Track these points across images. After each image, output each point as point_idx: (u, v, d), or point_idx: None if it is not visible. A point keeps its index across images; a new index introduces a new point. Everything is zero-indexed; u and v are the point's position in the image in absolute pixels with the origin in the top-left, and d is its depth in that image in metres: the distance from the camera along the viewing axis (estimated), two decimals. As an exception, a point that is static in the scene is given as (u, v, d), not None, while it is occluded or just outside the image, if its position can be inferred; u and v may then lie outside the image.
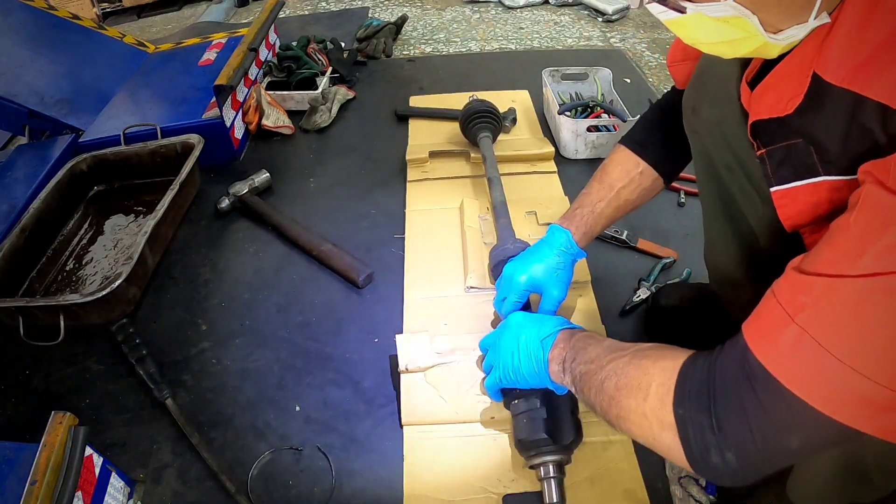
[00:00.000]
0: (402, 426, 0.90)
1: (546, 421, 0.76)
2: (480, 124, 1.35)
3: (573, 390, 0.68)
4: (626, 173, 0.88)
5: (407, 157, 1.42)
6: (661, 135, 0.88)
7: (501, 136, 1.48)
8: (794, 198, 0.56)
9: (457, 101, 1.48)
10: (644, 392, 0.53)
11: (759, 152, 0.60)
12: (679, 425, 0.49)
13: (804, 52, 0.51)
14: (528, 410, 0.78)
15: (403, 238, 1.23)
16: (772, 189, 0.59)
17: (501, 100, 1.58)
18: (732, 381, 0.46)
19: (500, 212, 1.13)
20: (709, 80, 0.75)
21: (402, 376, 0.94)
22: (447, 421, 0.90)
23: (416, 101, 1.70)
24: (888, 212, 0.38)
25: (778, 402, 0.43)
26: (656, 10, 0.52)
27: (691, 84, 0.80)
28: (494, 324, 1.00)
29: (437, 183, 1.37)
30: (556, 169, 1.39)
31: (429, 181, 1.38)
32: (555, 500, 0.75)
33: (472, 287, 1.09)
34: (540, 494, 0.77)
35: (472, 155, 1.41)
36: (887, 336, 0.37)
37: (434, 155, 1.43)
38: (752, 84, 0.61)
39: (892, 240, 0.37)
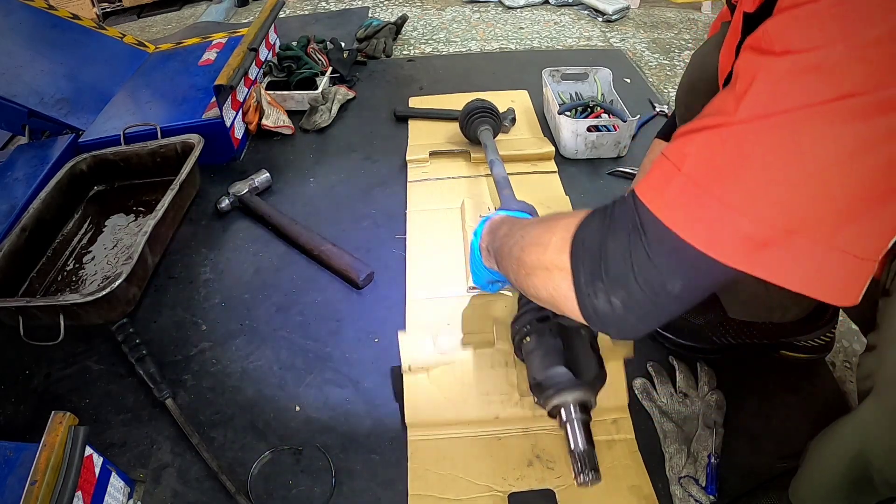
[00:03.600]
0: (405, 426, 0.90)
1: (564, 353, 0.67)
2: (480, 119, 1.37)
3: (498, 269, 0.71)
4: None
5: (407, 158, 1.42)
6: None
7: (501, 136, 1.48)
8: None
9: (456, 101, 1.48)
10: (545, 245, 0.56)
11: None
12: (573, 268, 0.51)
13: None
14: (541, 346, 0.69)
15: (404, 238, 1.23)
16: None
17: (501, 100, 1.58)
18: (622, 229, 0.48)
19: (501, 185, 1.11)
20: (700, 77, 0.78)
21: (404, 376, 0.93)
22: (451, 421, 0.89)
23: (416, 102, 1.70)
24: (756, 65, 0.41)
25: (661, 244, 0.45)
26: None
27: (683, 83, 0.83)
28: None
29: (438, 183, 1.37)
30: (556, 169, 1.39)
31: (429, 181, 1.38)
32: (581, 447, 0.62)
33: (473, 287, 1.08)
34: (545, 493, 0.75)
35: (473, 155, 1.41)
36: (765, 176, 0.40)
37: (434, 155, 1.44)
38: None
39: (758, 88, 0.40)
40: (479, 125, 1.36)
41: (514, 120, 1.53)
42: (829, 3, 0.37)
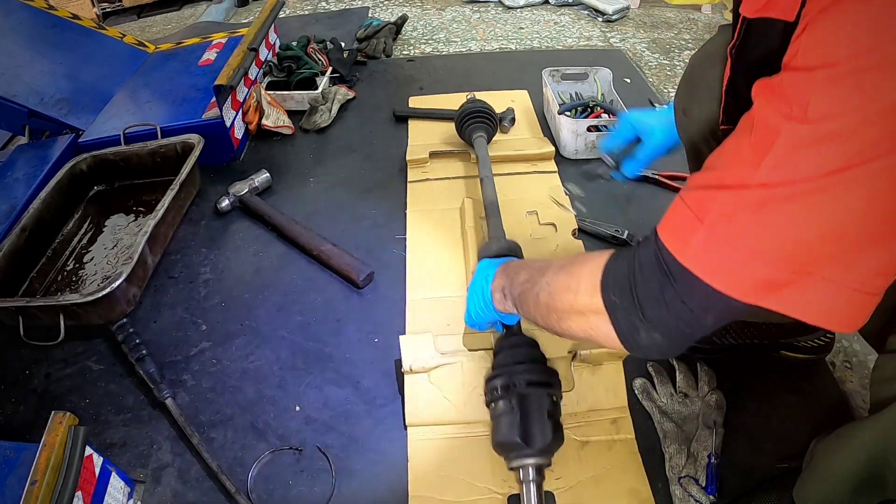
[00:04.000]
0: (406, 427, 0.90)
1: (520, 424, 0.76)
2: (475, 124, 1.34)
3: (517, 312, 0.75)
4: None
5: (407, 158, 1.42)
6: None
7: (501, 137, 1.48)
8: None
9: (456, 101, 1.47)
10: (574, 291, 0.60)
11: (722, 127, 0.67)
12: (609, 311, 0.55)
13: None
14: (504, 413, 0.78)
15: (404, 238, 1.23)
16: None
17: (501, 100, 1.58)
18: (650, 273, 0.52)
19: (490, 211, 1.11)
20: (698, 82, 0.78)
21: (405, 377, 0.93)
22: (451, 421, 0.90)
23: (416, 102, 1.70)
24: (776, 124, 0.43)
25: (692, 290, 0.49)
26: None
27: (681, 86, 0.83)
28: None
29: (438, 183, 1.37)
30: (556, 168, 1.39)
31: (429, 181, 1.38)
32: None
33: None
34: (545, 495, 0.76)
35: (472, 155, 1.41)
36: (784, 231, 0.44)
37: (434, 155, 1.43)
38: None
39: (778, 153, 0.43)
40: (474, 131, 1.34)
41: (513, 120, 1.53)
42: (847, 70, 0.39)
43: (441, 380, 0.92)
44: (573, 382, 0.90)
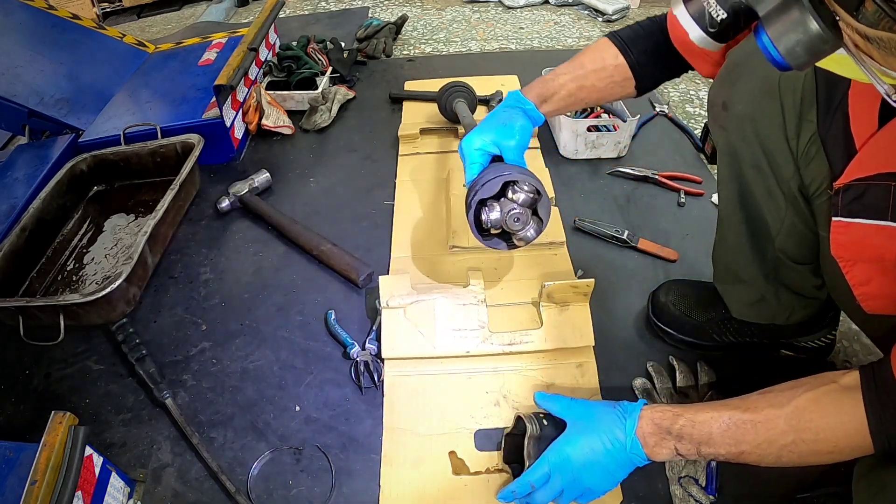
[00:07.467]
0: (382, 360, 0.96)
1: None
2: (453, 94, 1.47)
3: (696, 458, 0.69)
4: (601, 60, 0.86)
5: (399, 133, 1.49)
6: (651, 43, 0.84)
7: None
8: (850, 233, 0.60)
9: None
10: (838, 453, 0.60)
11: (838, 183, 0.61)
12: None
13: None
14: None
15: (392, 204, 1.31)
16: (834, 219, 0.61)
17: (491, 84, 1.68)
18: None
19: (469, 123, 1.23)
20: (744, 75, 0.72)
21: (383, 311, 0.99)
22: (424, 355, 0.95)
23: (411, 85, 1.79)
24: None
25: None
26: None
27: (721, 79, 0.76)
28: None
29: (427, 157, 1.45)
30: (538, 145, 1.46)
31: (419, 155, 1.46)
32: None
33: (454, 247, 1.16)
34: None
35: (461, 131, 1.48)
36: None
37: (425, 132, 1.52)
38: None
39: None
40: (454, 100, 1.45)
41: (500, 101, 1.57)
42: None
43: (416, 315, 0.98)
44: (541, 321, 0.96)
